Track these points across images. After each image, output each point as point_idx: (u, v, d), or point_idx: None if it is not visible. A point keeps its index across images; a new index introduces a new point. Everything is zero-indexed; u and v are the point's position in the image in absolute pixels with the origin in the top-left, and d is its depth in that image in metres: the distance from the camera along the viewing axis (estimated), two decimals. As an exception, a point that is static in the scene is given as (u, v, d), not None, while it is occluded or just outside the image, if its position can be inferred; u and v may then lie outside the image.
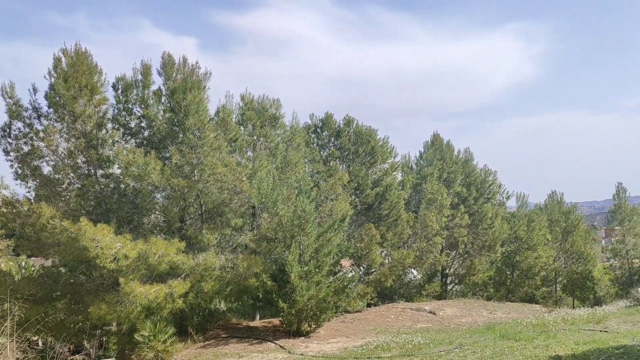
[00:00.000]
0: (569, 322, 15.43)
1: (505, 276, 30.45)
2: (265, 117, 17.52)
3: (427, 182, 25.98)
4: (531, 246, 28.95)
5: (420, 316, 20.32)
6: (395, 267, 22.59)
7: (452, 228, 26.88)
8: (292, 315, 15.24)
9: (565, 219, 32.41)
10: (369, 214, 23.11)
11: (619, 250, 32.02)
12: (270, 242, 15.94)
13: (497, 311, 22.53)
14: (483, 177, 29.22)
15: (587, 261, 31.52)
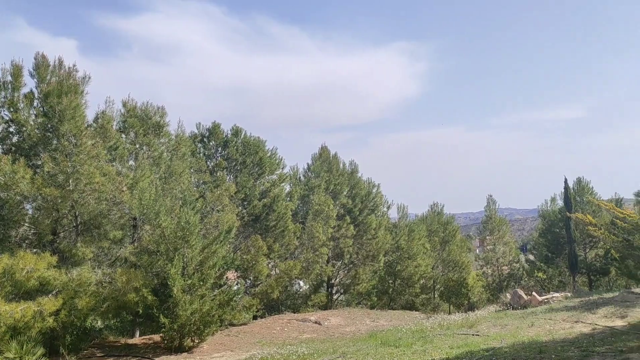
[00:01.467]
0: (445, 327, 16.45)
1: (388, 285, 31.85)
2: (149, 124, 17.14)
3: (314, 193, 26.62)
4: (411, 255, 30.57)
5: (306, 327, 20.73)
6: (282, 278, 22.88)
7: (338, 239, 27.71)
8: (174, 331, 14.96)
9: (444, 229, 34.63)
10: (257, 225, 23.24)
11: (490, 259, 34.79)
12: (152, 255, 15.55)
13: (379, 319, 23.50)
14: (368, 189, 30.43)
15: (462, 269, 33.88)
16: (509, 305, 20.74)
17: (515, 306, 20.22)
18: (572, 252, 30.81)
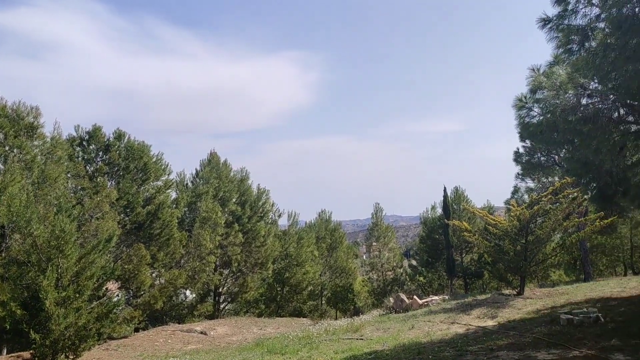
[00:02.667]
0: (331, 333, 16.83)
1: (276, 292, 32.02)
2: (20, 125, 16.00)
3: (202, 200, 26.19)
4: (300, 262, 31.03)
5: (191, 337, 20.29)
6: (166, 288, 22.24)
7: (226, 246, 27.46)
8: (46, 347, 13.99)
9: (331, 236, 35.50)
10: (140, 233, 22.41)
11: (376, 264, 36.15)
12: (22, 266, 14.47)
13: (267, 327, 23.54)
14: (258, 196, 30.48)
15: (349, 275, 34.92)
16: (392, 309, 21.63)
17: (398, 310, 21.13)
18: (449, 256, 32.88)
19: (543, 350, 10.27)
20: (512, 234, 19.73)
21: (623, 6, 9.64)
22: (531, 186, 31.39)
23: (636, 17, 9.44)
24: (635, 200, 15.49)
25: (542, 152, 28.07)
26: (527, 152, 29.18)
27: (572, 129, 12.32)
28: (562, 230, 21.87)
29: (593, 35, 10.98)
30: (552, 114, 12.66)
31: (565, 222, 19.84)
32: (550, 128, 12.94)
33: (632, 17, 9.43)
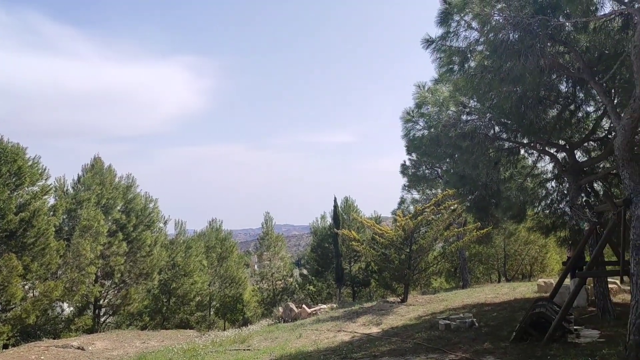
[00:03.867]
0: (217, 344, 16.54)
1: (162, 304, 30.91)
2: None
3: (83, 207, 24.72)
4: (188, 272, 30.22)
5: (66, 353, 18.98)
6: (40, 301, 20.71)
7: (109, 256, 26.08)
8: None
9: (222, 245, 34.94)
10: (11, 242, 20.70)
11: (266, 274, 36.06)
12: None
13: (151, 340, 22.64)
14: (144, 204, 29.32)
15: (239, 285, 34.53)
16: (281, 318, 21.66)
17: (286, 319, 21.19)
18: (338, 265, 33.61)
19: (422, 355, 10.76)
20: (397, 243, 20.54)
21: (499, 32, 10.38)
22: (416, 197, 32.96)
23: (511, 42, 10.20)
24: (507, 212, 16.72)
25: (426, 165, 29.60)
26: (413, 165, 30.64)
27: (453, 144, 13.08)
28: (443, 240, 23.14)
29: (472, 57, 11.73)
30: (435, 128, 13.39)
31: (446, 232, 21.00)
32: (433, 142, 13.63)
33: (507, 42, 10.18)
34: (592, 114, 14.37)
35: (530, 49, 9.93)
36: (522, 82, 10.73)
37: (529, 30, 9.98)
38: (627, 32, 10.62)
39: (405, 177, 31.94)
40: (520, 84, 10.87)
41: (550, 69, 11.16)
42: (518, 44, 10.06)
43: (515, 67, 10.12)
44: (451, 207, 20.84)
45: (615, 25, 11.25)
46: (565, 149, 14.49)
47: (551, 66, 11.01)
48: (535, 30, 9.99)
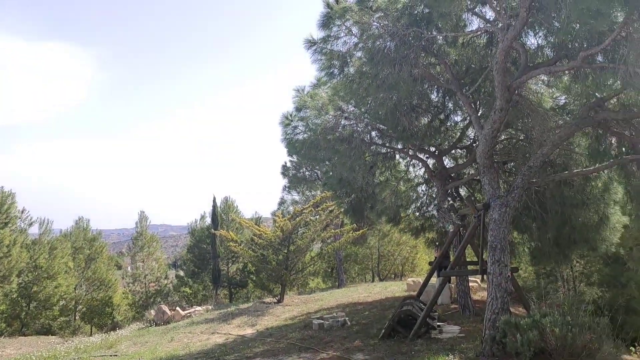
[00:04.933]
0: (81, 351, 15.61)
1: (21, 309, 28.53)
2: None
3: None
4: (51, 275, 28.18)
5: None
6: None
7: (-42, 257, 23.66)
8: None
9: (90, 246, 32.97)
10: None
11: (139, 276, 34.58)
12: None
13: (6, 348, 20.86)
14: (1, 200, 26.91)
15: (108, 287, 32.75)
16: (153, 321, 20.93)
17: (159, 322, 20.51)
18: (215, 266, 33.12)
19: (294, 354, 10.91)
20: (275, 244, 20.66)
21: (377, 40, 10.80)
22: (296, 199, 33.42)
23: (387, 51, 10.64)
24: (381, 215, 17.44)
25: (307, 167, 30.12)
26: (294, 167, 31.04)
27: (331, 148, 13.37)
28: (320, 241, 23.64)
29: (352, 62, 12.09)
30: (314, 132, 13.61)
31: (324, 233, 21.46)
32: (313, 145, 13.84)
33: (384, 51, 10.62)
34: (460, 123, 15.40)
35: (404, 59, 10.44)
36: (397, 90, 11.23)
37: (405, 41, 10.49)
38: (491, 48, 11.54)
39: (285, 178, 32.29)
40: (395, 91, 11.35)
41: (423, 78, 11.82)
42: (394, 53, 10.54)
43: (391, 75, 10.59)
44: (329, 209, 21.34)
45: (481, 42, 12.19)
46: (434, 155, 15.41)
47: (423, 76, 11.67)
48: (410, 41, 10.53)
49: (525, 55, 10.18)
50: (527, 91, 11.72)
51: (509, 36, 9.07)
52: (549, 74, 11.07)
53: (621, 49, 8.30)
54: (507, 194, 10.28)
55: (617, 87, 9.61)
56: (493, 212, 10.06)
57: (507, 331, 8.65)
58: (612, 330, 9.19)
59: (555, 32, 9.61)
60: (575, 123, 10.35)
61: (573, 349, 8.10)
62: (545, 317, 8.45)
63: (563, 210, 13.09)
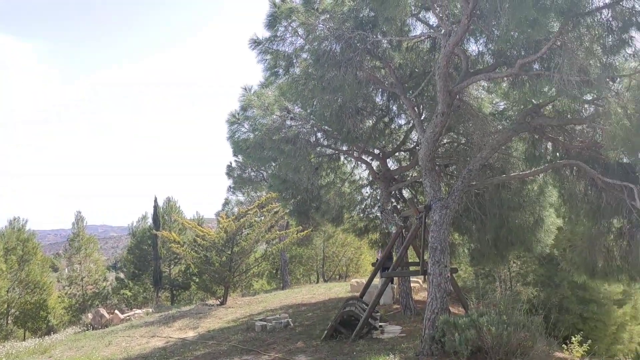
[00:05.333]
0: (13, 356, 15.06)
1: (-54, 314, 27.10)
2: None
3: None
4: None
5: None
6: None
7: None
8: None
9: (24, 247, 31.61)
10: None
11: (75, 278, 33.42)
12: None
13: None
14: None
15: (43, 290, 31.48)
16: (91, 325, 20.27)
17: (96, 326, 19.89)
18: (157, 268, 32.42)
19: (236, 357, 10.82)
20: (219, 245, 20.42)
21: (322, 41, 10.86)
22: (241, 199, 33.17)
23: (333, 53, 10.72)
24: (326, 215, 17.55)
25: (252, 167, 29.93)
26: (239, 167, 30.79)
27: (276, 148, 13.35)
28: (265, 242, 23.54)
29: (298, 63, 12.12)
30: (260, 132, 13.55)
31: (268, 234, 21.38)
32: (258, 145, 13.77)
33: (329, 52, 10.69)
34: (404, 126, 15.68)
35: (350, 61, 10.56)
36: (342, 92, 11.33)
37: (350, 44, 10.60)
38: (434, 54, 11.82)
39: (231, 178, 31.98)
40: (340, 93, 11.45)
41: (368, 81, 11.97)
42: (339, 56, 10.63)
43: (336, 77, 10.67)
44: (274, 210, 21.29)
45: (425, 47, 12.47)
46: (379, 158, 15.63)
47: (368, 79, 11.82)
48: (355, 44, 10.65)
49: (466, 61, 10.47)
50: (468, 96, 12.06)
51: (451, 42, 9.30)
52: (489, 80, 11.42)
53: (556, 58, 8.63)
54: (447, 196, 10.54)
55: (553, 95, 10.00)
56: (434, 214, 10.29)
57: (446, 330, 8.86)
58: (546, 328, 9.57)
59: (495, 40, 9.92)
60: (512, 128, 10.72)
61: (508, 347, 8.38)
62: (482, 316, 8.71)
63: (501, 213, 13.53)
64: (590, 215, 11.17)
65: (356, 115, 13.15)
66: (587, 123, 10.40)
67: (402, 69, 12.56)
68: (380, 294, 12.02)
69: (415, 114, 11.98)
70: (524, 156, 12.62)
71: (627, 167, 9.93)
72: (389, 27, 10.68)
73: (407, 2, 10.30)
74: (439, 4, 10.17)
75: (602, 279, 11.68)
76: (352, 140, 13.70)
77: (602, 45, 8.32)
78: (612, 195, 10.30)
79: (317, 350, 10.68)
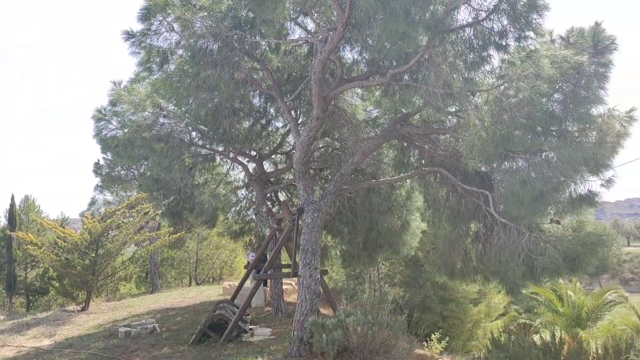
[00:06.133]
0: None
1: None
2: None
3: None
4: None
5: None
6: None
7: None
8: None
9: None
10: None
11: None
12: None
13: None
14: None
15: None
16: None
17: None
18: (11, 272, 29.77)
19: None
20: (82, 248, 19.23)
21: (199, 39, 10.63)
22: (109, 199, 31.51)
23: (210, 51, 10.54)
24: (199, 217, 17.20)
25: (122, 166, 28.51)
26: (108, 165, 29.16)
27: (148, 146, 12.85)
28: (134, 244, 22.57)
29: (173, 60, 11.74)
30: (130, 129, 12.97)
31: (137, 235, 20.52)
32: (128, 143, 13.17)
33: (206, 51, 10.50)
34: (281, 129, 15.81)
35: (227, 60, 10.43)
36: (219, 92, 11.17)
37: (228, 43, 10.49)
38: (311, 59, 12.05)
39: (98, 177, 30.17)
40: (216, 92, 11.28)
41: (245, 82, 11.89)
42: (216, 54, 10.48)
43: (212, 75, 10.49)
44: (144, 211, 20.49)
45: (303, 52, 12.68)
46: (255, 160, 15.61)
47: (245, 80, 11.74)
48: (233, 44, 10.55)
49: (341, 68, 10.80)
50: (343, 103, 12.45)
51: (327, 48, 9.53)
52: (363, 87, 11.90)
53: (424, 70, 9.14)
54: (320, 199, 10.77)
55: (420, 105, 10.61)
56: (306, 217, 10.47)
57: (314, 331, 9.04)
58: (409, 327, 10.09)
59: (369, 49, 10.33)
60: (383, 135, 11.22)
61: (372, 346, 8.73)
62: (349, 316, 9.00)
63: (371, 216, 14.10)
64: (451, 220, 11.97)
65: (233, 116, 13.03)
66: (450, 133, 11.12)
67: (280, 72, 12.66)
68: (251, 296, 11.99)
69: (292, 118, 12.13)
70: (394, 162, 13.26)
71: (484, 175, 10.77)
72: (267, 29, 10.72)
73: (285, 5, 10.42)
74: (317, 10, 10.40)
75: (460, 279, 12.55)
76: (228, 141, 13.55)
77: (465, 61, 8.95)
78: (470, 201, 11.13)
79: (184, 355, 10.41)
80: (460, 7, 8.39)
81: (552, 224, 10.52)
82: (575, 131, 9.00)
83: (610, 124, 8.74)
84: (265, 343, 11.01)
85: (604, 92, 8.76)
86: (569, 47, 8.91)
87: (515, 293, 10.73)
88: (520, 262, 9.53)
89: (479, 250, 11.67)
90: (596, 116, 8.75)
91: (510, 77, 8.67)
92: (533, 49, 8.75)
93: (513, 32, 8.61)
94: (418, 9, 7.82)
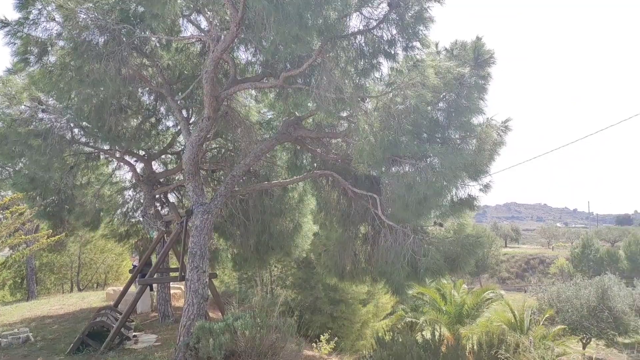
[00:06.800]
0: None
1: None
2: None
3: None
4: None
5: None
6: None
7: None
8: None
9: None
10: None
11: None
12: None
13: None
14: None
15: None
16: None
17: None
18: None
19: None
20: (-54, 252, 17.56)
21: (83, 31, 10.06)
22: (-20, 199, 29.02)
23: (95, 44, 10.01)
24: (80, 219, 16.31)
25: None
26: (-22, 161, 26.88)
27: (23, 142, 12.00)
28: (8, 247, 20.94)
29: (53, 51, 11.03)
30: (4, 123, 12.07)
31: (11, 238, 19.07)
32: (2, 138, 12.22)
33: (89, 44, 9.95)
34: (172, 128, 15.34)
35: (113, 54, 9.95)
36: (104, 87, 10.62)
37: (115, 37, 10.02)
38: (204, 57, 11.82)
39: (-33, 174, 27.76)
40: (101, 88, 10.74)
41: (133, 78, 11.42)
42: (102, 47, 9.97)
43: (96, 69, 9.96)
44: (19, 212, 19.07)
45: (196, 50, 12.42)
46: (144, 159, 15.05)
47: (133, 76, 11.27)
48: (121, 38, 10.09)
49: (234, 68, 10.69)
50: (237, 104, 12.34)
51: (219, 48, 9.40)
52: (256, 89, 11.85)
53: (317, 74, 9.28)
54: (210, 201, 10.59)
55: (313, 108, 10.76)
56: (195, 219, 10.24)
57: (201, 336, 8.84)
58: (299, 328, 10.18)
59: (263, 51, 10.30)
60: (275, 137, 11.24)
61: (260, 349, 8.70)
62: (237, 320, 8.90)
63: (263, 219, 14.07)
64: (341, 222, 12.25)
65: (119, 113, 12.47)
66: (341, 137, 11.38)
67: (171, 69, 12.30)
68: (135, 301, 11.54)
69: (182, 117, 11.83)
70: (287, 165, 13.34)
71: (373, 179, 11.12)
72: (158, 24, 10.34)
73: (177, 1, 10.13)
74: (210, 8, 10.22)
75: (350, 280, 12.86)
76: (114, 139, 12.95)
77: (356, 67, 9.18)
78: (360, 204, 11.44)
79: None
80: (352, 14, 8.60)
81: (436, 227, 11.08)
82: (457, 139, 9.55)
83: (488, 133, 9.36)
84: (149, 350, 10.62)
85: (483, 103, 9.41)
86: (452, 58, 9.45)
87: (401, 293, 11.15)
88: (405, 263, 9.91)
89: (367, 252, 12.02)
90: (476, 125, 9.35)
91: (398, 85, 9.01)
92: (419, 59, 9.15)
93: (401, 42, 8.97)
94: (312, 13, 7.91)
